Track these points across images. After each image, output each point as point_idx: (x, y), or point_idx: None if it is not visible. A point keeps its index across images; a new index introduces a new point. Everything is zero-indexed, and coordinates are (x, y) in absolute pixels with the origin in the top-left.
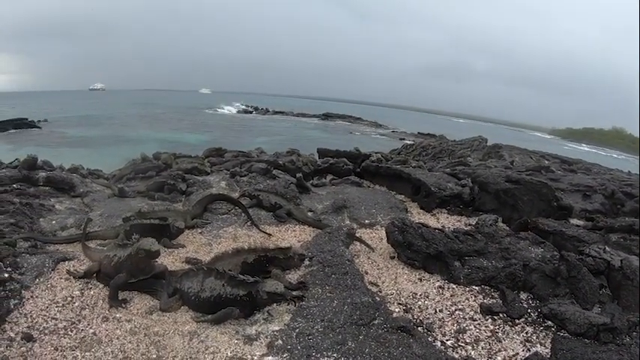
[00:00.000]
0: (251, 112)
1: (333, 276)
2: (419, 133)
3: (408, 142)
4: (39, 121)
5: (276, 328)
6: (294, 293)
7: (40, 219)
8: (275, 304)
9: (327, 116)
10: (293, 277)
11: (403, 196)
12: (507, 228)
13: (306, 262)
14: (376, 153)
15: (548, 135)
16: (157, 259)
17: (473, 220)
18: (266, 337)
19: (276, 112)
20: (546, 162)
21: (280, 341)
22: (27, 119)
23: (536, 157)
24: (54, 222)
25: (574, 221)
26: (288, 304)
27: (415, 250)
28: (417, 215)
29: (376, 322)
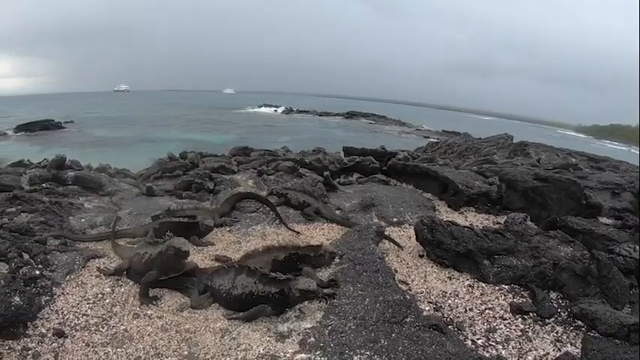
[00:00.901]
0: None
1: (364, 274)
2: (443, 131)
3: (433, 140)
4: (65, 122)
5: (309, 326)
6: (326, 291)
7: (70, 217)
8: (307, 302)
9: (350, 115)
10: (324, 274)
11: (430, 195)
12: (536, 226)
13: (337, 260)
14: (403, 151)
15: (574, 132)
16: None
17: (501, 219)
18: (298, 334)
19: (300, 112)
20: (573, 160)
21: (313, 339)
22: (53, 120)
23: (562, 155)
24: (83, 220)
25: (603, 220)
26: (320, 301)
27: (444, 249)
28: (445, 213)
29: (408, 320)
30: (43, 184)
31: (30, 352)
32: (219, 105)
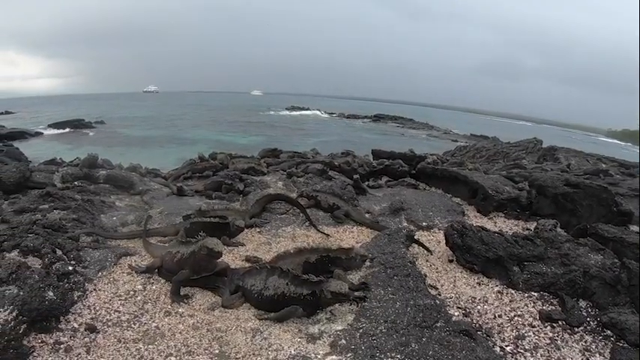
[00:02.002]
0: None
1: (395, 278)
2: (471, 134)
3: (461, 143)
4: (95, 122)
5: (340, 328)
6: (357, 294)
7: (101, 215)
8: (338, 304)
9: (378, 118)
10: (354, 277)
11: (460, 199)
12: (566, 233)
13: (368, 263)
14: (432, 155)
15: (604, 137)
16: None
17: (530, 225)
18: (329, 336)
19: (327, 113)
20: (603, 165)
21: (344, 341)
22: (84, 120)
23: (593, 160)
24: (114, 218)
25: (634, 227)
26: (351, 304)
27: (474, 254)
28: (474, 219)
29: (438, 324)
30: (75, 182)
31: (62, 345)
32: (247, 106)
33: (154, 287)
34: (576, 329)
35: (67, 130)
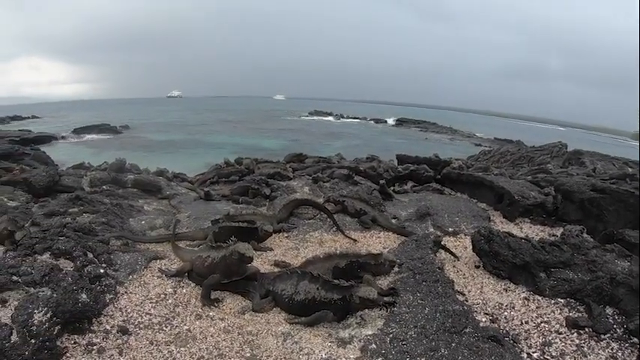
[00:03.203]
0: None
1: (423, 283)
2: (495, 138)
3: (486, 148)
4: (120, 126)
5: (370, 333)
6: (386, 299)
7: (130, 219)
8: (367, 309)
9: (401, 122)
10: (383, 283)
11: (485, 205)
12: (592, 239)
13: (396, 268)
14: (457, 160)
15: (630, 139)
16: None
17: (556, 231)
18: (359, 340)
19: (350, 118)
20: (630, 169)
21: (374, 345)
22: (109, 124)
23: (618, 164)
24: (143, 222)
25: None
26: (380, 309)
27: (501, 260)
28: (500, 224)
29: (467, 330)
30: (103, 186)
31: (95, 347)
32: (271, 111)
33: (184, 291)
34: (603, 336)
35: (93, 134)
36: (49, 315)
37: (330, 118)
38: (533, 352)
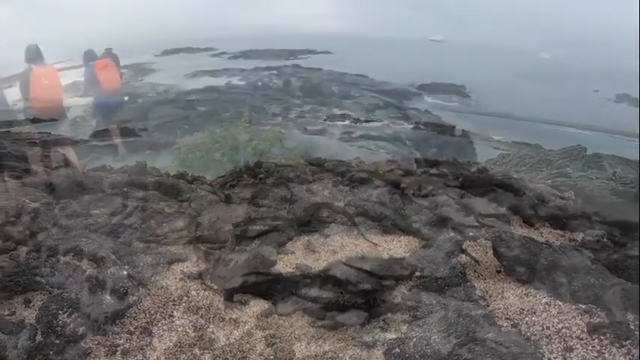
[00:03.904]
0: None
1: (446, 288)
2: (513, 142)
3: (504, 151)
4: (139, 129)
5: (393, 337)
6: (409, 303)
7: (151, 221)
8: (390, 314)
9: (417, 124)
10: (405, 287)
11: (505, 208)
12: (613, 244)
13: (417, 273)
14: (475, 163)
15: None
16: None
17: (577, 235)
18: (383, 344)
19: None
20: None
21: (398, 349)
22: (127, 127)
23: (637, 168)
24: (164, 224)
25: None
26: (403, 313)
27: (522, 265)
28: (520, 228)
29: (489, 335)
30: (124, 189)
31: (119, 348)
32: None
33: (206, 293)
34: (624, 342)
35: (112, 137)
36: (73, 316)
37: (346, 122)
38: (555, 358)
